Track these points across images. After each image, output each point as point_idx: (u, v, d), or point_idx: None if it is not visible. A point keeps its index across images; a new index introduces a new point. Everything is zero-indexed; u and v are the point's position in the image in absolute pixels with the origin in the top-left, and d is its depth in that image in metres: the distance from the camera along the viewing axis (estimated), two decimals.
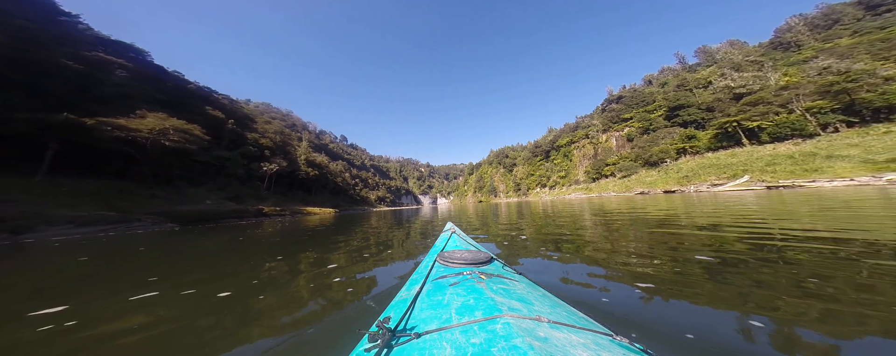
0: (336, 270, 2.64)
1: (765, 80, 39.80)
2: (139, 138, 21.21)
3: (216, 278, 2.57)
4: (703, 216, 5.02)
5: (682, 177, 29.04)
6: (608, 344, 0.58)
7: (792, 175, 19.70)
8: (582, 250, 2.89)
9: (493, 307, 0.70)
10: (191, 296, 2.03)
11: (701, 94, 50.59)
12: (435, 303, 0.79)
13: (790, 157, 21.82)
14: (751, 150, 27.50)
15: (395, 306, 0.95)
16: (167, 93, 36.38)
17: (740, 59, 50.19)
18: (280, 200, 39.17)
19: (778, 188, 17.98)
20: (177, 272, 2.99)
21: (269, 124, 55.19)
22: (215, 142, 38.28)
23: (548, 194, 68.42)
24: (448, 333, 0.59)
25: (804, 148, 22.82)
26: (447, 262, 1.15)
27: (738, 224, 3.87)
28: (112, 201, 15.86)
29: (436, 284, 0.96)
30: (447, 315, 0.69)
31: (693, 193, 21.23)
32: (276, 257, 3.51)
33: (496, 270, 1.10)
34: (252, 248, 4.50)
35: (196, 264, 3.45)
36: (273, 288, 2.16)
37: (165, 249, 5.03)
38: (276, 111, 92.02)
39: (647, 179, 35.35)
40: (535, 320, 0.64)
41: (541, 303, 0.81)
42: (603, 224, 4.99)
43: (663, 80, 65.81)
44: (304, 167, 52.89)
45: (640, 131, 57.19)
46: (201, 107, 40.78)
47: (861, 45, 30.36)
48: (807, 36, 45.72)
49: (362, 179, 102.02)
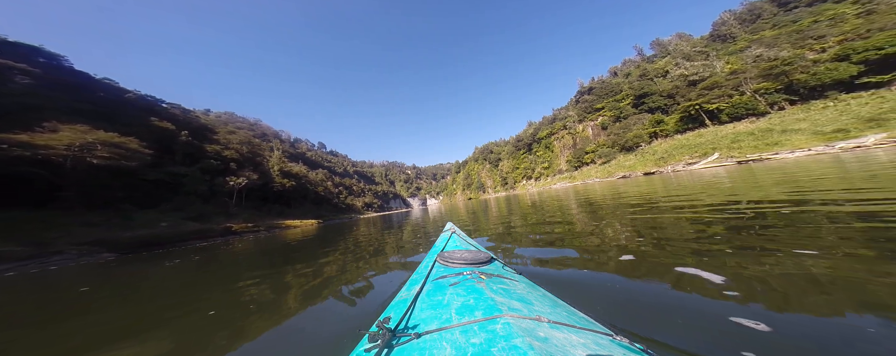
0: (334, 270, 2.56)
1: (712, 68, 44.12)
2: (54, 157, 17.33)
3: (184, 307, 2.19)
4: (684, 195, 4.88)
5: (658, 158, 30.53)
6: (608, 344, 0.58)
7: (756, 149, 21.21)
8: (573, 242, 2.68)
9: (493, 307, 0.69)
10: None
11: (661, 83, 54.51)
12: (435, 304, 0.78)
13: (751, 134, 23.61)
14: (714, 130, 29.62)
15: (395, 306, 0.94)
16: (95, 103, 30.91)
17: (689, 50, 55.03)
18: (253, 216, 35.44)
19: (747, 162, 19.21)
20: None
21: (232, 134, 49.97)
22: (166, 157, 33.55)
23: (534, 186, 69.87)
24: (448, 333, 0.58)
25: (760, 125, 24.88)
26: (447, 262, 1.14)
27: (719, 201, 3.71)
28: (30, 234, 12.68)
29: (436, 284, 0.95)
30: (447, 315, 0.69)
31: (671, 173, 22.38)
32: (253, 273, 3.17)
33: (496, 270, 1.09)
34: (208, 271, 3.98)
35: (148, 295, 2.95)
36: (259, 304, 1.98)
37: (99, 285, 4.13)
38: (242, 120, 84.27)
39: (626, 163, 36.91)
40: (535, 320, 0.64)
41: (541, 303, 0.81)
42: (591, 213, 4.71)
43: (627, 71, 70.02)
44: (279, 178, 48.64)
45: (613, 119, 60.25)
46: (144, 118, 35.40)
47: (782, 35, 35.19)
48: (738, 29, 51.26)
49: (346, 187, 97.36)
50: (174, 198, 28.20)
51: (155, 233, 17.34)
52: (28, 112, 19.92)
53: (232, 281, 3.05)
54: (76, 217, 17.22)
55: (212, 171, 36.42)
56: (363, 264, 2.86)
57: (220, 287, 2.85)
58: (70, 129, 19.35)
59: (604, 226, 3.19)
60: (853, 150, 13.63)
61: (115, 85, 41.08)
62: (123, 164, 20.99)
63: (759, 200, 3.28)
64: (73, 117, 21.61)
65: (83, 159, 18.68)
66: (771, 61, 28.89)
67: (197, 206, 28.99)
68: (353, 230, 9.24)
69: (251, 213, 36.22)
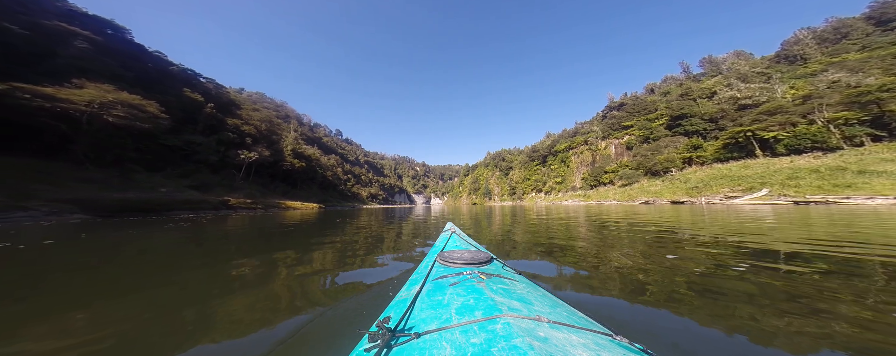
0: (333, 270, 2.47)
1: (771, 92, 38.65)
2: (73, 110, 17.67)
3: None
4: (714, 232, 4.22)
5: (690, 187, 26.77)
6: (608, 344, 0.57)
7: (820, 190, 17.45)
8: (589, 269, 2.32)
9: (492, 307, 0.69)
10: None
11: (704, 104, 49.12)
12: (435, 303, 0.78)
13: (814, 171, 19.65)
14: (766, 162, 25.38)
15: (394, 306, 0.94)
16: (139, 72, 32.77)
17: (747, 70, 48.83)
18: (258, 192, 35.68)
19: (807, 204, 15.76)
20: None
21: (256, 112, 51.46)
22: (189, 125, 34.67)
23: (543, 199, 66.24)
24: (448, 333, 0.58)
25: (827, 161, 20.67)
26: (447, 262, 1.15)
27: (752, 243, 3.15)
28: (13, 187, 12.50)
29: (436, 284, 0.96)
30: (447, 315, 0.69)
31: (704, 205, 19.77)
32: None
33: (496, 270, 1.09)
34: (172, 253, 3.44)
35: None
36: (261, 287, 1.97)
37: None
38: (270, 101, 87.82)
39: (651, 189, 33.11)
40: (535, 320, 0.64)
41: (541, 303, 0.80)
42: (602, 238, 4.08)
43: (665, 89, 64.44)
44: (290, 158, 49.26)
45: (641, 140, 55.56)
46: (178, 89, 37.10)
47: (872, 59, 29.41)
48: (814, 49, 44.50)
49: (355, 175, 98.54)
50: (184, 164, 28.75)
51: (147, 197, 17.07)
52: (80, 74, 20.77)
53: (192, 268, 2.66)
54: (77, 172, 17.41)
55: (227, 142, 37.27)
56: (363, 263, 2.78)
57: (172, 277, 2.33)
58: (95, 88, 19.91)
59: (612, 251, 2.95)
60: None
61: (163, 57, 43.87)
62: (138, 126, 21.26)
63: (799, 242, 2.98)
64: (116, 83, 22.55)
65: (100, 116, 19.08)
66: (860, 86, 23.33)
67: (203, 175, 29.39)
68: (352, 220, 8.79)
69: (255, 189, 36.52)
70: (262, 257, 3.00)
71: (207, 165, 31.76)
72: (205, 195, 23.84)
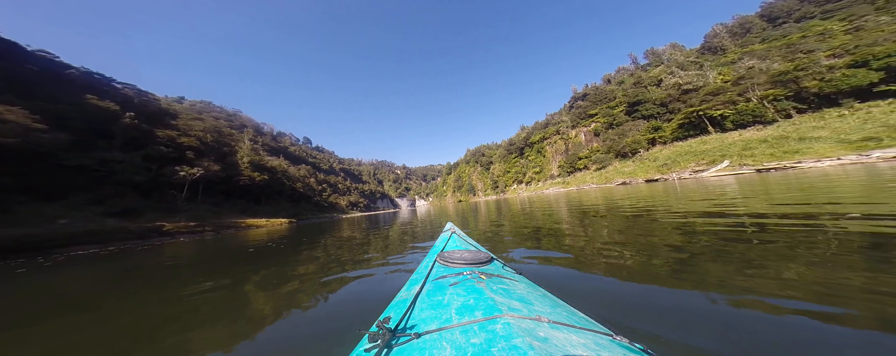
0: (333, 270, 2.47)
1: (705, 78, 43.58)
2: None
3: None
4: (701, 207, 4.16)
5: (660, 165, 28.18)
6: (608, 344, 0.57)
7: (773, 157, 18.91)
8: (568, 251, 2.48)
9: (493, 307, 0.68)
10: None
11: (654, 91, 53.68)
12: (435, 304, 0.78)
13: (763, 141, 21.49)
14: (719, 137, 27.65)
15: (395, 306, 0.93)
16: (12, 75, 25.24)
17: (683, 60, 54.94)
18: (209, 213, 30.08)
19: (767, 171, 16.78)
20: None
21: (198, 121, 43.97)
22: (101, 140, 27.83)
23: (525, 190, 67.39)
24: (448, 333, 0.58)
25: (771, 132, 22.88)
26: (447, 262, 1.14)
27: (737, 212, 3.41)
28: None
29: (436, 284, 0.95)
30: (447, 315, 0.68)
31: (675, 181, 20.75)
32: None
33: (496, 270, 1.09)
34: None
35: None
36: (267, 291, 2.05)
37: None
38: (219, 110, 77.01)
39: (624, 170, 34.56)
40: (535, 320, 0.63)
41: (541, 303, 0.80)
42: (587, 224, 4.02)
43: (620, 79, 69.48)
44: (248, 171, 43.02)
45: (606, 126, 58.95)
46: (78, 95, 29.58)
47: (772, 49, 35.01)
48: (729, 41, 51.57)
49: (331, 184, 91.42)
50: (98, 188, 22.66)
51: (19, 234, 12.35)
52: None
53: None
54: None
55: (159, 158, 30.75)
56: (362, 263, 2.78)
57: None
58: None
59: (599, 236, 2.96)
60: (892, 159, 12.15)
61: (54, 58, 34.75)
62: (3, 141, 15.69)
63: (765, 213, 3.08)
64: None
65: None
66: (790, 64, 26.83)
67: (128, 199, 23.55)
68: (327, 233, 8.09)
69: (205, 210, 30.78)
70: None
71: (133, 187, 25.65)
72: (126, 223, 18.85)
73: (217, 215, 30.28)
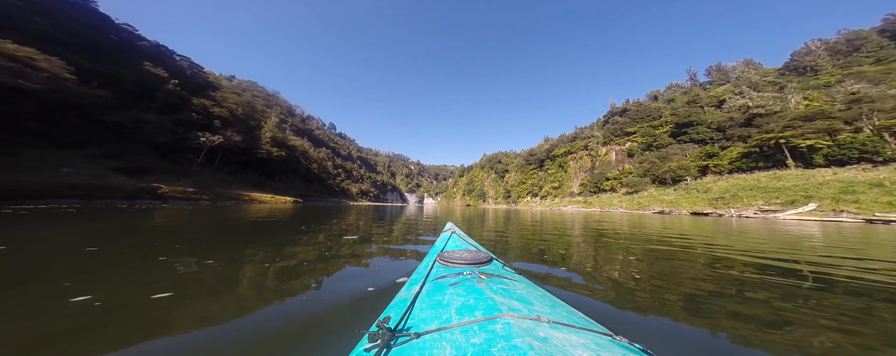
0: (333, 270, 2.32)
1: (785, 102, 36.18)
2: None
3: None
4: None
5: (713, 198, 22.92)
6: (608, 344, 0.57)
7: (891, 207, 13.71)
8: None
9: (492, 307, 0.68)
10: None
11: (712, 113, 46.48)
12: (435, 303, 0.77)
13: (876, 185, 15.92)
14: (801, 174, 21.73)
15: (394, 306, 0.92)
16: (93, 40, 27.50)
17: (758, 79, 46.66)
18: (220, 181, 30.45)
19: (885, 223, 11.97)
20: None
21: (236, 95, 45.95)
22: (143, 102, 29.33)
23: (539, 204, 62.43)
24: (448, 333, 0.58)
25: (889, 175, 17.06)
26: (447, 262, 1.13)
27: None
28: None
29: (436, 284, 0.94)
30: (447, 315, 0.68)
31: (733, 218, 16.45)
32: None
33: (496, 270, 1.08)
34: None
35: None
36: (267, 286, 1.85)
37: None
38: (261, 89, 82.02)
39: (663, 198, 29.26)
40: (534, 320, 0.63)
41: (541, 303, 0.79)
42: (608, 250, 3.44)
43: (670, 96, 61.89)
44: (267, 146, 43.89)
45: (643, 147, 52.48)
46: (138, 62, 31.72)
47: (893, 71, 27.69)
48: (825, 61, 42.31)
49: (346, 170, 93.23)
50: (118, 143, 23.35)
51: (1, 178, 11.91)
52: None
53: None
54: None
55: (189, 123, 31.94)
56: (362, 263, 2.63)
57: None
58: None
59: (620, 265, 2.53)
60: None
61: (132, 30, 38.39)
62: (23, 85, 15.96)
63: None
64: (39, 43, 17.62)
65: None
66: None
67: (143, 158, 24.10)
68: (330, 219, 7.55)
69: (218, 178, 31.27)
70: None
71: (153, 147, 26.44)
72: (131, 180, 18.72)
73: (227, 184, 30.56)
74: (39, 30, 21.64)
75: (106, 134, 22.87)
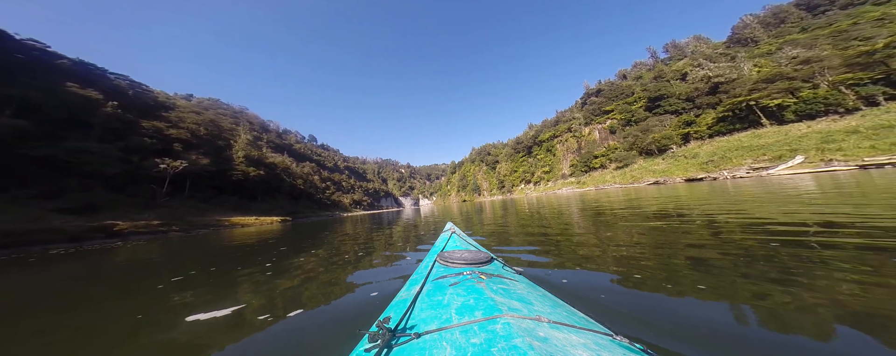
0: (333, 271, 2.38)
1: (740, 70, 38.89)
2: None
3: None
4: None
5: (703, 162, 23.55)
6: (608, 344, 0.57)
7: (875, 150, 14.28)
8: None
9: (493, 307, 0.68)
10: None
11: (677, 85, 48.98)
12: (435, 304, 0.77)
13: (853, 132, 16.79)
14: (778, 130, 22.85)
15: (395, 306, 0.92)
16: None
17: (710, 52, 49.83)
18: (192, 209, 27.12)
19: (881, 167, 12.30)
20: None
21: (196, 114, 41.55)
22: (77, 130, 25.31)
23: (533, 190, 62.97)
24: (448, 333, 0.57)
25: (862, 122, 18.01)
26: (447, 262, 1.13)
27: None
28: None
29: (436, 284, 0.94)
30: (447, 315, 0.67)
31: (728, 180, 16.66)
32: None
33: (496, 270, 1.07)
34: None
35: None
36: (270, 290, 1.92)
37: None
38: (226, 107, 75.40)
39: (655, 168, 29.93)
40: (535, 320, 0.63)
41: (541, 303, 0.79)
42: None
43: (637, 74, 64.44)
44: (243, 166, 40.24)
45: (623, 123, 54.30)
46: (57, 82, 27.24)
47: (820, 37, 30.27)
48: (761, 32, 46.68)
49: (335, 182, 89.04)
50: (58, 180, 19.82)
51: None
52: None
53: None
54: None
55: (142, 150, 27.98)
56: (362, 263, 2.70)
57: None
58: None
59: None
60: None
61: (45, 48, 32.76)
62: None
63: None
64: None
65: None
66: (866, 46, 22.04)
67: (94, 194, 20.62)
68: (322, 234, 7.08)
69: (191, 206, 27.88)
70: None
71: (103, 180, 22.89)
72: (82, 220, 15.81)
73: (201, 212, 27.34)
74: None
75: (39, 171, 19.29)
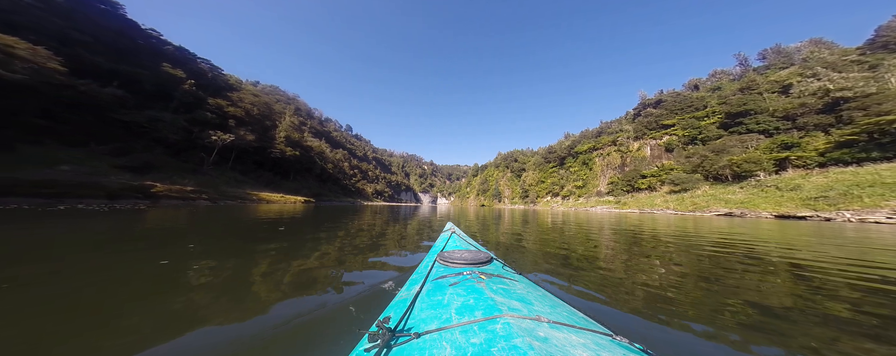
0: (333, 269, 2.30)
1: (882, 82, 28.40)
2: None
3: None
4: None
5: (808, 197, 17.29)
6: (608, 344, 0.57)
7: None
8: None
9: (492, 307, 0.67)
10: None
11: (774, 99, 38.59)
12: (435, 303, 0.76)
13: None
14: None
15: (395, 306, 0.92)
16: (116, 43, 28.54)
17: (835, 59, 38.09)
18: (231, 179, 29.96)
19: None
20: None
21: (253, 96, 46.69)
22: (160, 102, 29.89)
23: (561, 204, 56.77)
24: (448, 333, 0.57)
25: None
26: (447, 262, 1.12)
27: None
28: None
29: (436, 284, 0.93)
30: (447, 315, 0.67)
31: (850, 222, 12.26)
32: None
33: (496, 270, 1.07)
34: None
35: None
36: (267, 284, 1.84)
37: None
38: (282, 94, 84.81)
39: (728, 197, 23.53)
40: (534, 320, 0.62)
41: (541, 304, 0.79)
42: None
43: (715, 85, 53.40)
44: (282, 145, 43.76)
45: (685, 140, 45.20)
46: (158, 63, 32.70)
47: None
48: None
49: (362, 171, 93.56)
50: (130, 140, 23.21)
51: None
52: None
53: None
54: None
55: (203, 123, 31.94)
56: (362, 263, 2.61)
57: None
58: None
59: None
60: None
61: (158, 36, 40.20)
62: (39, 81, 15.41)
63: None
64: (58, 43, 17.49)
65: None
66: None
67: (153, 156, 23.74)
68: (341, 221, 7.03)
69: (230, 177, 30.93)
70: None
71: (166, 145, 26.36)
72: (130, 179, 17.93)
73: (237, 183, 29.99)
74: (57, 30, 22.13)
75: (120, 132, 22.78)
